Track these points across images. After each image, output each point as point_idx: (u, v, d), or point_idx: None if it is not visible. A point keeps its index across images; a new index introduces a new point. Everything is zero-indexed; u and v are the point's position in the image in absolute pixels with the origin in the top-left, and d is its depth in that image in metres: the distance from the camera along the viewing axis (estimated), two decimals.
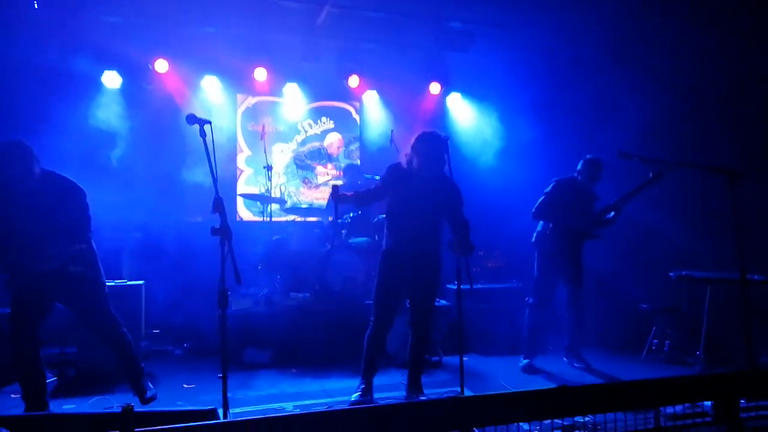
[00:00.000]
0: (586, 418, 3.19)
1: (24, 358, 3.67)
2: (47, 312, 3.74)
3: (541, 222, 5.17)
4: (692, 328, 5.27)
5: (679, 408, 2.93)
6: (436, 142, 3.94)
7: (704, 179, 4.72)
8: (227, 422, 2.39)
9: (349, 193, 4.20)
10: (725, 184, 3.58)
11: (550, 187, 5.12)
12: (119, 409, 2.22)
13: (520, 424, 2.48)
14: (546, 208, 5.07)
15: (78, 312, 3.91)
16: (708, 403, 2.92)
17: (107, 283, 4.97)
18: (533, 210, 5.12)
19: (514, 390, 2.46)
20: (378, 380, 4.72)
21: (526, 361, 5.05)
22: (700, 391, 2.75)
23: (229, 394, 3.15)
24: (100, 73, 6.51)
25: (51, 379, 4.59)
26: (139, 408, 2.39)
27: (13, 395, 4.34)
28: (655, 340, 5.52)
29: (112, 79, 6.56)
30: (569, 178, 5.18)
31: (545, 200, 5.09)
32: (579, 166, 5.17)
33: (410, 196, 4.01)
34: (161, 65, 6.62)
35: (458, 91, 7.78)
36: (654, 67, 6.11)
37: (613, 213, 5.07)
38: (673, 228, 5.82)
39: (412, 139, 4.01)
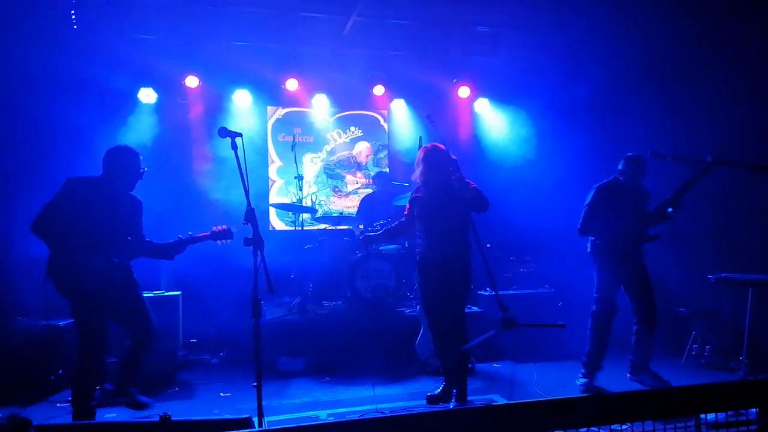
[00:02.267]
0: (624, 427, 3.12)
1: (91, 365, 3.79)
2: (109, 315, 3.89)
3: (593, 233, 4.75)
4: (734, 332, 5.11)
5: (721, 416, 2.84)
6: (435, 154, 4.17)
7: (745, 178, 4.58)
8: (262, 431, 2.43)
9: (379, 233, 4.59)
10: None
11: (590, 196, 4.73)
12: (157, 418, 2.28)
13: None
14: (591, 221, 4.67)
15: (125, 314, 3.95)
16: (753, 410, 2.83)
17: (147, 294, 5.18)
18: (578, 227, 4.71)
19: (548, 398, 2.43)
20: (410, 387, 4.74)
21: (585, 380, 4.65)
22: (744, 398, 2.67)
23: (264, 403, 3.20)
24: (137, 90, 6.71)
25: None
26: (176, 417, 2.46)
27: (58, 404, 4.49)
28: (696, 345, 5.37)
29: (148, 95, 6.76)
30: (610, 180, 4.76)
31: (588, 212, 4.69)
32: (620, 166, 4.74)
33: (426, 209, 4.25)
34: (193, 81, 6.79)
35: (486, 96, 7.74)
36: (686, 64, 5.98)
37: (671, 209, 4.51)
38: (711, 228, 5.66)
39: (417, 155, 4.29)
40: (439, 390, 4.32)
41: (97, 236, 3.73)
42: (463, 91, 7.60)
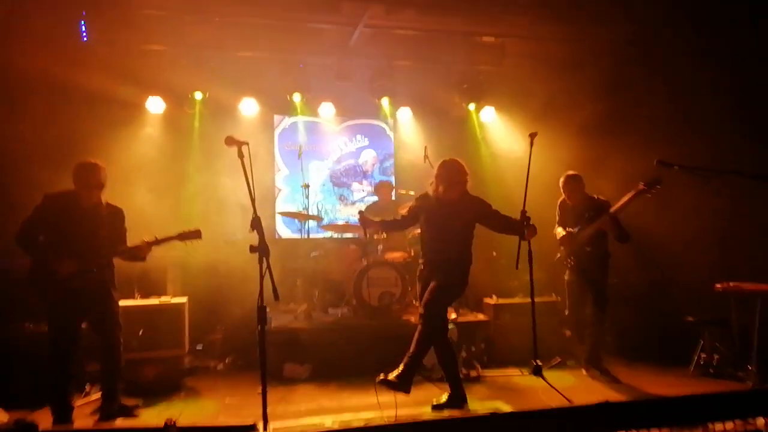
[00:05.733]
0: None
1: (61, 367, 4.02)
2: (80, 322, 4.15)
3: None
4: (742, 341, 5.07)
5: (729, 426, 2.81)
6: (455, 168, 4.38)
7: (753, 186, 4.55)
8: None
9: (376, 219, 4.62)
10: None
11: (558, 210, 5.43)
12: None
13: None
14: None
15: (95, 319, 4.21)
16: (761, 419, 2.81)
17: (153, 301, 5.20)
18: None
19: (555, 406, 2.43)
20: (415, 395, 4.72)
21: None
22: (752, 407, 2.65)
23: (269, 409, 3.21)
24: (145, 100, 6.77)
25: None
26: (181, 423, 2.48)
27: None
28: (704, 354, 5.33)
29: (156, 105, 6.82)
30: (563, 199, 5.40)
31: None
32: (562, 182, 5.32)
33: (437, 218, 4.41)
34: (201, 91, 6.85)
35: (491, 106, 7.74)
36: (691, 73, 5.98)
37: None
38: (719, 236, 5.64)
39: (436, 168, 4.45)
40: (444, 398, 4.31)
41: (69, 245, 4.00)
42: (468, 102, 7.62)
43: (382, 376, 4.16)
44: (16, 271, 5.29)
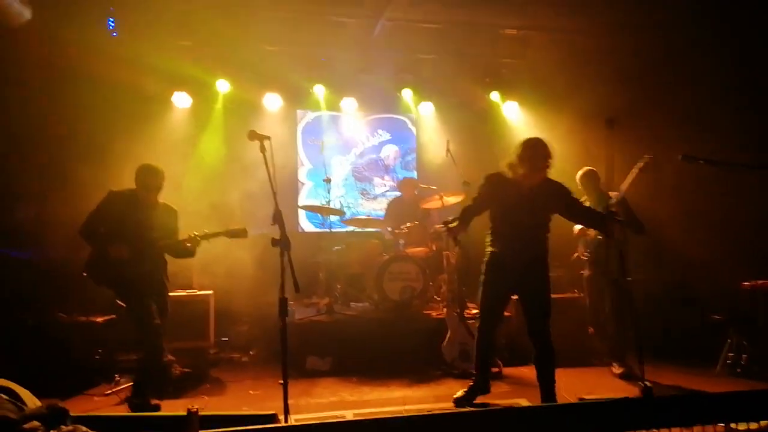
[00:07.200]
0: None
1: (151, 347, 4.33)
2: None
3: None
4: None
5: (753, 426, 2.76)
6: (542, 150, 3.97)
7: None
8: (287, 426, 2.48)
9: (456, 224, 4.06)
10: None
11: None
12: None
13: None
14: None
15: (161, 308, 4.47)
16: None
17: (180, 293, 5.32)
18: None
19: (574, 402, 2.43)
20: (436, 390, 4.74)
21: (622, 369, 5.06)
22: None
23: (291, 401, 3.25)
24: (171, 94, 6.88)
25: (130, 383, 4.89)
26: (205, 413, 2.54)
27: (95, 397, 4.65)
28: (731, 354, 5.22)
29: (182, 99, 6.93)
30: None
31: None
32: (578, 178, 5.32)
33: (513, 204, 4.00)
34: (225, 85, 6.94)
35: (515, 100, 7.68)
36: (717, 65, 5.84)
37: None
38: (746, 234, 5.52)
39: (517, 147, 4.01)
40: (463, 392, 4.32)
41: (124, 235, 4.32)
42: (491, 95, 7.56)
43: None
44: (44, 262, 5.50)
